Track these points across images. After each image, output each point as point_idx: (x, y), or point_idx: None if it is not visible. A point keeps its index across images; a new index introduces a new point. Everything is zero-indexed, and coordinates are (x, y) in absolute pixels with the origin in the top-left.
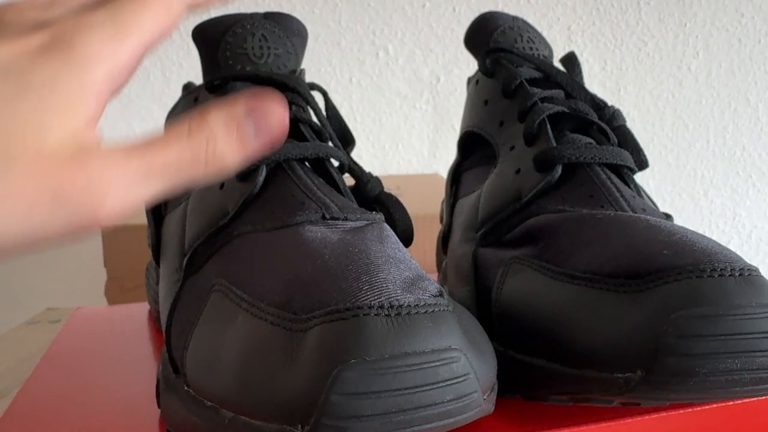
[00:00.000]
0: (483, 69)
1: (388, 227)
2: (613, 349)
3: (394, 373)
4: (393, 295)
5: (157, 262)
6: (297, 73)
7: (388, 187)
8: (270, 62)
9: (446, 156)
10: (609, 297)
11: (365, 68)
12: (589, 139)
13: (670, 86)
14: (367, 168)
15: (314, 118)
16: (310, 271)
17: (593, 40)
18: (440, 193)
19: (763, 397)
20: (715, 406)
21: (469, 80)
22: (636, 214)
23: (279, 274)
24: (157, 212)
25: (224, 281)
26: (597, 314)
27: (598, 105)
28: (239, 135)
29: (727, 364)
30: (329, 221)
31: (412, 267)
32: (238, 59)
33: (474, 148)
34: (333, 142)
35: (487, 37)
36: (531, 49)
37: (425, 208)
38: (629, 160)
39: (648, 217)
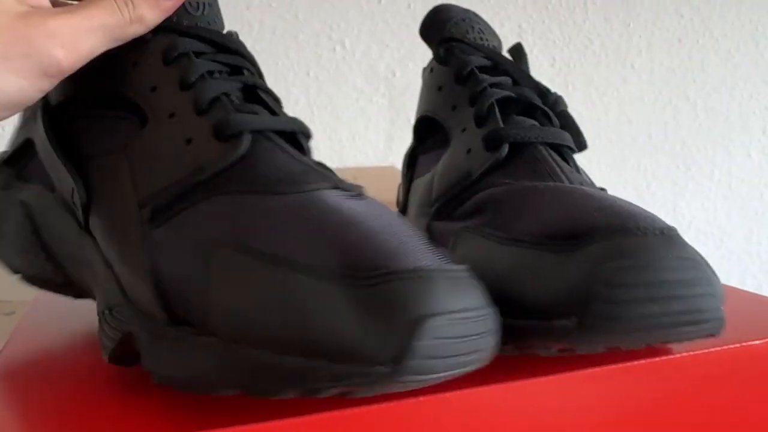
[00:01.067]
0: (437, 57)
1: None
2: (551, 300)
3: (463, 323)
4: (441, 259)
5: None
6: (233, 35)
7: (346, 179)
8: (206, 14)
9: (402, 148)
10: (548, 256)
11: (322, 62)
12: (534, 122)
13: (615, 83)
14: (324, 160)
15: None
16: (359, 233)
17: (543, 38)
18: (396, 184)
19: (679, 342)
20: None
21: (425, 69)
22: (573, 185)
23: (321, 235)
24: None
25: (238, 239)
26: (537, 272)
27: (542, 92)
28: None
29: (649, 309)
30: (340, 191)
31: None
32: (176, 11)
33: (428, 133)
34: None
35: (441, 28)
36: (482, 39)
37: (381, 198)
38: (569, 141)
39: (583, 187)
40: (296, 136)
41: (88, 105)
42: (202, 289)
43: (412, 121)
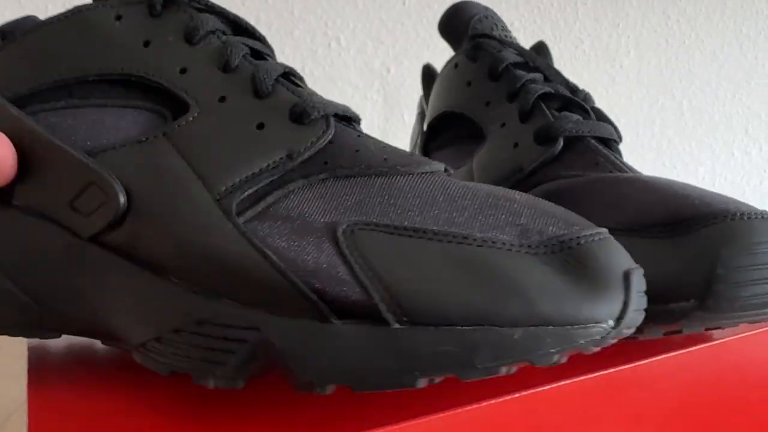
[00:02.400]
0: (466, 53)
1: None
2: (667, 284)
3: (642, 277)
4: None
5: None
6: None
7: None
8: None
9: (396, 144)
10: (652, 243)
11: (318, 58)
12: (578, 116)
13: (604, 82)
14: None
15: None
16: (520, 205)
17: (534, 37)
18: None
19: None
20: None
21: (447, 66)
22: (644, 175)
23: (490, 209)
24: None
25: (382, 219)
26: (645, 258)
27: (572, 88)
28: None
29: (762, 289)
30: (448, 172)
31: None
32: None
33: (442, 129)
34: None
35: (465, 25)
36: (507, 36)
37: None
38: (615, 134)
39: (659, 177)
40: (351, 121)
41: (67, 94)
42: (353, 276)
43: (407, 117)
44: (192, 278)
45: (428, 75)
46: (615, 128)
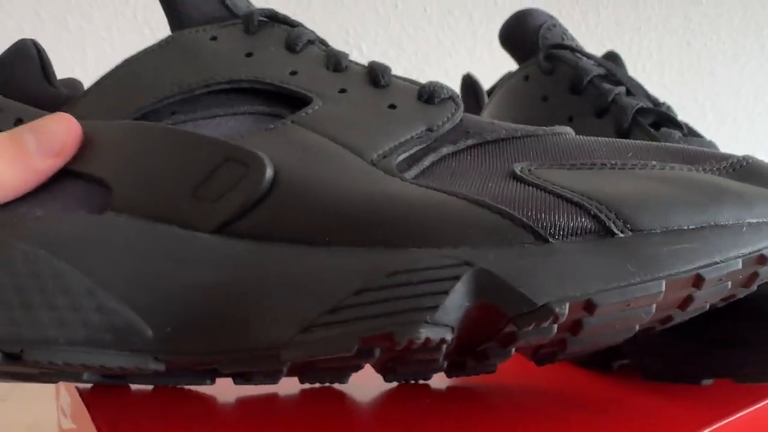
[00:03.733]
0: (539, 65)
1: None
2: None
3: None
4: None
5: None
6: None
7: None
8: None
9: None
10: None
11: None
12: (679, 133)
13: None
14: None
15: None
16: (669, 149)
17: None
18: None
19: None
20: None
21: (512, 77)
22: None
23: (638, 150)
24: None
25: (542, 163)
26: None
27: (656, 101)
28: (15, 149)
29: None
30: None
31: None
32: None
33: None
34: None
35: (533, 35)
36: (578, 47)
37: None
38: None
39: None
40: None
41: (170, 113)
42: (559, 198)
43: None
44: (363, 239)
45: (469, 85)
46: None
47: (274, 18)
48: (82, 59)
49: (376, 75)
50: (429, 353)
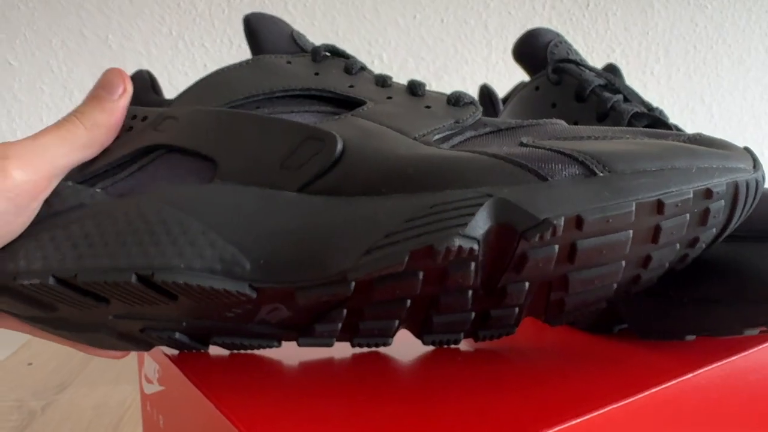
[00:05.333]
0: (548, 77)
1: None
2: None
3: None
4: None
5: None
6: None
7: None
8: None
9: None
10: None
11: None
12: None
13: (636, 88)
14: None
15: None
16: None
17: None
18: None
19: None
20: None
21: (525, 87)
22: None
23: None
24: None
25: (548, 138)
26: None
27: (649, 106)
28: (98, 100)
29: None
30: None
31: None
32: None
33: None
34: None
35: (542, 50)
36: (582, 61)
37: None
38: None
39: None
40: None
41: (256, 107)
42: (556, 152)
43: None
44: (409, 187)
45: (486, 94)
46: None
47: (334, 52)
48: None
49: (414, 87)
50: (462, 275)
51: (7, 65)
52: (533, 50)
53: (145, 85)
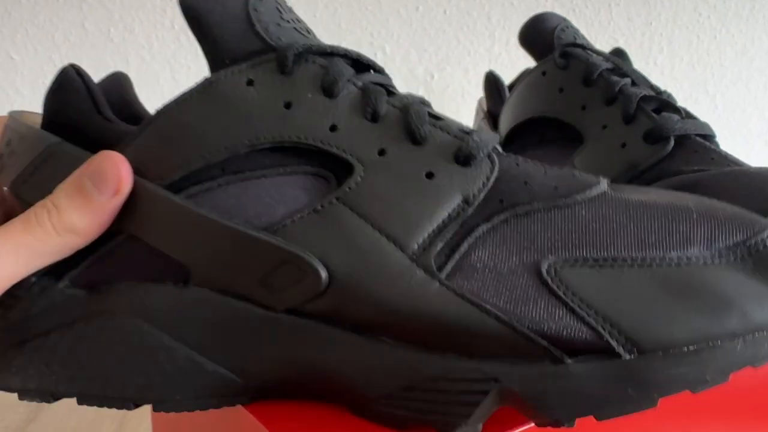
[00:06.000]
0: (555, 62)
1: None
2: None
3: None
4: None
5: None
6: None
7: None
8: (310, 35)
9: None
10: None
11: None
12: (677, 116)
13: None
14: None
15: None
16: (693, 216)
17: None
18: None
19: None
20: None
21: (531, 73)
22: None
23: (662, 229)
24: None
25: (568, 256)
26: None
27: (658, 90)
28: (81, 197)
29: None
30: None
31: None
32: (286, 32)
33: (523, 134)
34: None
35: (548, 35)
36: (589, 45)
37: None
38: (713, 131)
39: None
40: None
41: (221, 171)
42: (575, 317)
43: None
44: (409, 339)
45: (492, 81)
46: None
47: (308, 50)
48: (125, 67)
49: (412, 128)
50: None
51: (9, 59)
52: (540, 35)
53: (76, 94)
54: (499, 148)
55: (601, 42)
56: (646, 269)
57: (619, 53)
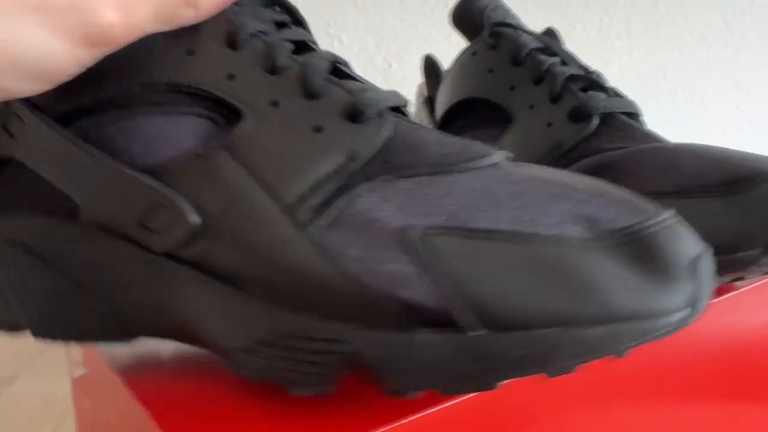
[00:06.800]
0: (485, 42)
1: None
2: (733, 237)
3: (709, 259)
4: (658, 207)
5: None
6: None
7: None
8: None
9: None
10: (714, 201)
11: None
12: (603, 94)
13: (597, 65)
14: None
15: None
16: (578, 195)
17: (530, 25)
18: None
19: None
20: None
21: (463, 55)
22: (688, 143)
23: (541, 205)
24: None
25: (441, 223)
26: (709, 216)
27: (587, 69)
28: None
29: None
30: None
31: None
32: None
33: (458, 115)
34: None
35: (479, 15)
36: (519, 24)
37: None
38: (638, 109)
39: (699, 143)
40: (401, 108)
41: (113, 105)
42: (431, 284)
43: (410, 108)
44: (271, 292)
45: (430, 65)
46: (633, 105)
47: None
48: None
49: (309, 81)
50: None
51: None
52: (470, 15)
53: None
54: (407, 112)
55: (559, 28)
56: (517, 245)
57: (550, 33)
